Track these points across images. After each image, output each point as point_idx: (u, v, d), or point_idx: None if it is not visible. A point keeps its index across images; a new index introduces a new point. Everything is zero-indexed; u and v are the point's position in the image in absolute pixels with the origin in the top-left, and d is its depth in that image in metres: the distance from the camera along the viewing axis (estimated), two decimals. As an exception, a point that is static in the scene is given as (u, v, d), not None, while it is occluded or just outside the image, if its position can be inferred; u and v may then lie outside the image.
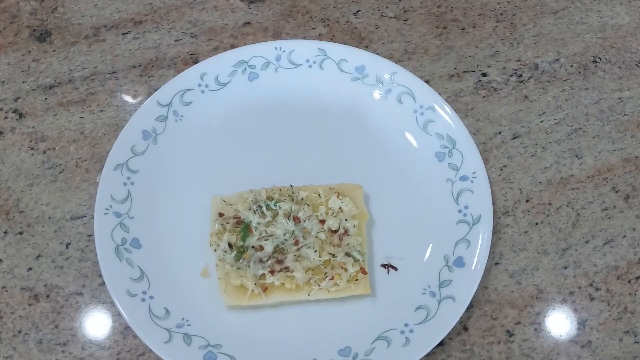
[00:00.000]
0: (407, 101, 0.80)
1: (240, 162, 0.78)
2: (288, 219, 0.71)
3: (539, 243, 0.75)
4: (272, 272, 0.69)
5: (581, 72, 0.85)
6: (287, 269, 0.69)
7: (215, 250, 0.71)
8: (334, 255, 0.70)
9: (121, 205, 0.73)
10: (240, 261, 0.70)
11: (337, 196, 0.73)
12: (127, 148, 0.76)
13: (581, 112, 0.83)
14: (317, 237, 0.71)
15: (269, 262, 0.69)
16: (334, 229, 0.72)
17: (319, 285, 0.69)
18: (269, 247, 0.70)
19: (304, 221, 0.72)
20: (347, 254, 0.70)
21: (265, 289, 0.69)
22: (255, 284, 0.68)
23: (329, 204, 0.73)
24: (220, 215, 0.72)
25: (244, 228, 0.71)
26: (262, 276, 0.69)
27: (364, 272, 0.70)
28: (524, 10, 0.89)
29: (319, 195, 0.73)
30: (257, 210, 0.72)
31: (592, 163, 0.80)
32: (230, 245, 0.70)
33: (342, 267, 0.69)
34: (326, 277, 0.69)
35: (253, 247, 0.70)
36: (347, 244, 0.71)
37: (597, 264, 0.74)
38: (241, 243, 0.70)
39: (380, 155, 0.78)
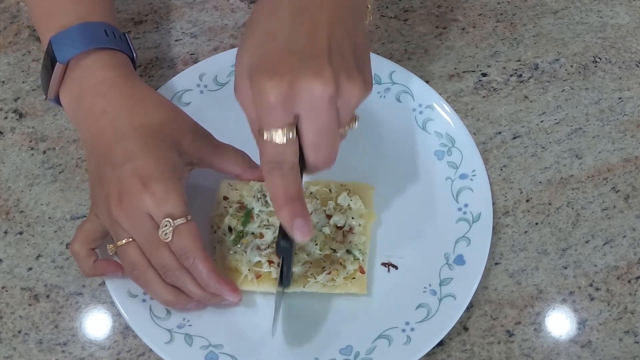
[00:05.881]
0: (405, 100, 0.80)
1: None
2: None
3: (539, 243, 0.75)
4: (270, 262, 0.69)
5: (581, 72, 0.85)
6: None
7: (215, 232, 0.71)
8: (334, 251, 0.70)
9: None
10: (238, 246, 0.70)
11: (348, 194, 0.73)
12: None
13: (581, 112, 0.83)
14: (320, 230, 0.71)
15: (266, 251, 0.69)
16: (339, 225, 0.72)
17: (315, 279, 0.69)
18: (268, 236, 0.70)
19: (310, 214, 0.72)
20: (348, 252, 0.70)
21: (258, 277, 0.69)
22: (249, 269, 0.69)
23: (338, 201, 0.73)
24: (225, 198, 0.73)
25: (246, 214, 0.71)
26: (258, 263, 0.69)
27: (362, 272, 0.70)
28: (524, 10, 0.89)
29: (329, 190, 0.74)
30: (260, 198, 0.72)
31: (592, 163, 0.80)
32: (230, 229, 0.71)
33: (340, 264, 0.70)
34: (324, 271, 0.69)
35: (253, 233, 0.71)
36: (350, 242, 0.71)
37: (597, 264, 0.74)
38: (241, 228, 0.71)
39: (379, 154, 0.78)
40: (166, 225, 0.63)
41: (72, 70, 0.69)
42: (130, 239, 0.64)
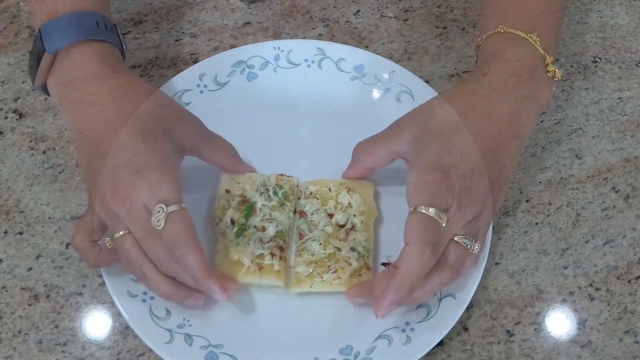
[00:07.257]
0: (405, 100, 0.80)
1: (239, 162, 0.78)
2: (294, 213, 0.72)
3: (539, 243, 0.75)
4: (272, 255, 0.69)
5: (581, 72, 0.85)
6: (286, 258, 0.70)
7: (217, 224, 0.71)
8: (339, 249, 0.70)
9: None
10: (241, 238, 0.70)
11: (348, 192, 0.73)
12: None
13: (581, 112, 0.83)
14: (323, 230, 0.71)
15: (269, 244, 0.70)
16: (341, 224, 0.72)
17: (322, 278, 0.69)
18: (271, 230, 0.70)
19: (312, 214, 0.72)
20: (352, 249, 0.70)
21: (261, 268, 0.69)
22: (252, 261, 0.69)
23: (338, 199, 0.73)
24: (227, 192, 0.73)
25: (249, 207, 0.72)
26: (260, 256, 0.69)
27: (368, 268, 0.70)
28: (523, 10, 0.89)
29: (329, 189, 0.74)
30: (264, 192, 0.72)
31: (592, 163, 0.80)
32: (232, 222, 0.71)
33: (346, 262, 0.70)
34: (329, 270, 0.69)
35: (255, 227, 0.71)
36: (353, 239, 0.71)
37: (597, 264, 0.74)
38: (243, 221, 0.71)
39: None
40: (159, 212, 0.62)
41: (60, 61, 0.69)
42: (127, 231, 0.64)
